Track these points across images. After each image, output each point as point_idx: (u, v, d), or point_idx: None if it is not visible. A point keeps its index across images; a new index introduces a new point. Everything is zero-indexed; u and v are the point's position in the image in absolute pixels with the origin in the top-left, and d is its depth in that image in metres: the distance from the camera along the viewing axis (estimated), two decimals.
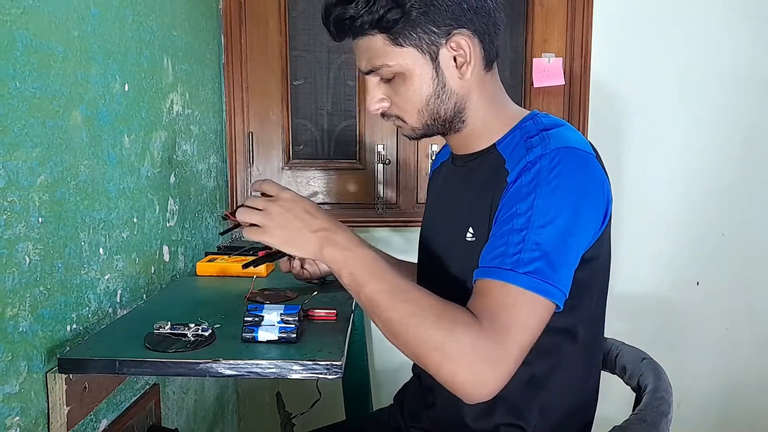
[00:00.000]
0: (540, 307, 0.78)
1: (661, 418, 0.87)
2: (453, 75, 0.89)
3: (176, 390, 1.42)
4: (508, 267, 0.78)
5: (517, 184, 0.83)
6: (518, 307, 0.77)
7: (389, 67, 0.88)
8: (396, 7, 0.84)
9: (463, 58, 0.88)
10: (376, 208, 1.91)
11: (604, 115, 1.88)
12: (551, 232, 0.79)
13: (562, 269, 0.79)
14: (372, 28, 0.86)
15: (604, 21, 1.84)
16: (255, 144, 1.90)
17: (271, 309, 0.90)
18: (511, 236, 0.80)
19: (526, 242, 0.79)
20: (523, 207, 0.81)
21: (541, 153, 0.83)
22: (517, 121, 0.93)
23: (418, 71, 0.88)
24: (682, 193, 1.94)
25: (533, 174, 0.82)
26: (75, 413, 0.88)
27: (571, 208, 0.81)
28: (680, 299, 1.98)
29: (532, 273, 0.77)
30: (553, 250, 0.79)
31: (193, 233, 1.50)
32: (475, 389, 0.76)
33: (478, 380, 0.75)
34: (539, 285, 0.77)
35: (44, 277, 0.86)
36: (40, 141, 0.85)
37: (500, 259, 0.80)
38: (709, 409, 2.03)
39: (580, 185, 0.82)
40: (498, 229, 0.83)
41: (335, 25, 0.89)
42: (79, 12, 0.95)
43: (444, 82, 0.89)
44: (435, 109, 0.91)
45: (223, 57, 1.82)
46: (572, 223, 0.81)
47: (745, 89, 1.89)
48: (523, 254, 0.78)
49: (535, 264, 0.78)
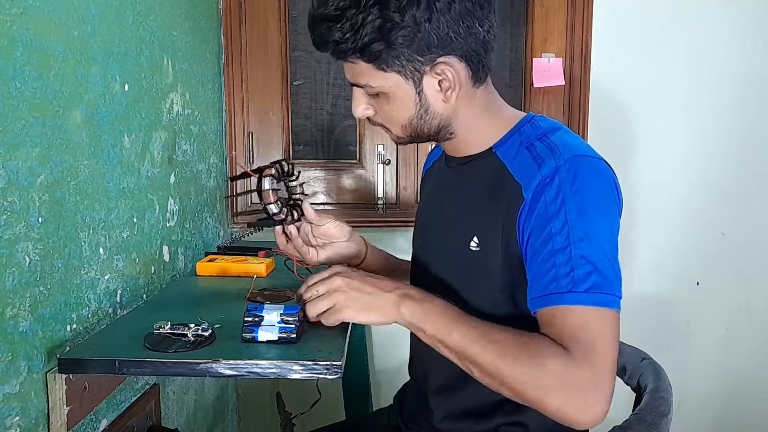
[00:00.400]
0: (610, 318, 0.78)
1: (661, 418, 0.87)
2: (437, 99, 0.88)
3: (176, 390, 1.42)
4: (567, 289, 0.78)
5: (542, 202, 0.82)
6: (593, 325, 0.76)
7: (372, 87, 0.88)
8: (380, 39, 0.81)
9: (448, 83, 0.86)
10: (376, 208, 1.91)
11: (603, 115, 1.88)
12: (593, 242, 0.79)
13: (612, 276, 0.79)
14: (354, 55, 0.84)
15: (604, 21, 1.84)
16: (255, 144, 1.90)
17: (271, 309, 0.90)
18: (556, 257, 0.79)
19: (573, 259, 0.78)
20: (557, 225, 0.80)
21: (555, 165, 0.82)
22: (513, 125, 0.92)
23: (400, 94, 0.87)
24: (682, 193, 1.94)
25: (556, 189, 0.81)
26: (75, 413, 0.88)
27: (601, 215, 0.81)
28: (680, 299, 1.98)
29: (592, 289, 0.77)
30: (600, 260, 0.78)
31: (193, 233, 1.50)
32: (584, 416, 0.75)
33: (583, 407, 0.74)
34: (601, 298, 0.77)
35: (44, 277, 0.86)
36: (40, 141, 0.85)
37: (555, 283, 0.79)
38: (709, 409, 2.03)
39: (602, 191, 0.83)
40: (538, 255, 0.81)
41: (318, 41, 0.87)
42: (79, 12, 0.95)
43: (427, 106, 0.88)
44: (418, 126, 0.90)
45: (223, 57, 1.82)
46: (607, 228, 0.81)
47: (745, 89, 1.89)
48: (575, 272, 0.78)
49: (590, 279, 0.77)
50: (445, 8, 0.81)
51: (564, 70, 1.85)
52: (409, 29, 0.81)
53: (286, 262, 1.33)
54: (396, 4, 0.79)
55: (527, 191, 0.84)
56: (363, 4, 0.80)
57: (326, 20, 0.83)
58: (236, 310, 1.01)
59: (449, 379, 0.95)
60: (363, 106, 0.92)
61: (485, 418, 0.93)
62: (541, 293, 0.80)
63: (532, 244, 0.82)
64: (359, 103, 0.92)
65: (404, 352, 1.11)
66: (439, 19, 0.81)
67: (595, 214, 0.81)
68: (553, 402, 0.75)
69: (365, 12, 0.80)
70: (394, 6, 0.79)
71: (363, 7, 0.80)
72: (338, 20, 0.81)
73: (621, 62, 1.87)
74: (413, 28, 0.80)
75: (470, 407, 0.94)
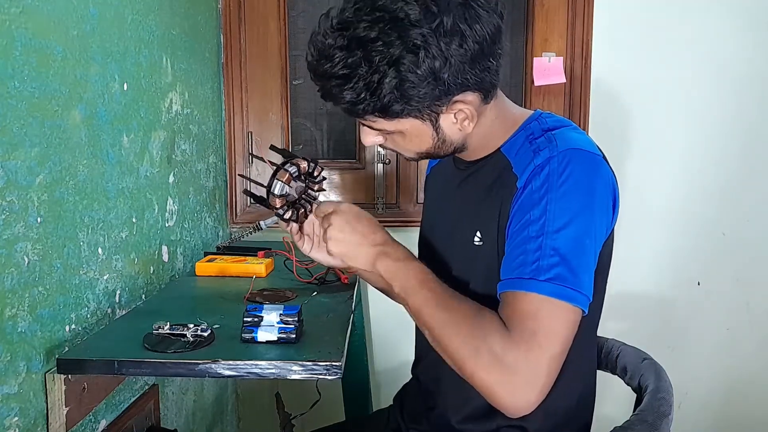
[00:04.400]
0: (565, 313, 0.78)
1: (661, 418, 0.87)
2: (453, 129, 0.87)
3: (175, 390, 1.41)
4: (529, 276, 0.78)
5: (528, 189, 0.82)
6: (543, 314, 0.77)
7: (387, 131, 0.87)
8: (400, 99, 0.78)
9: (464, 115, 0.85)
10: (376, 208, 1.91)
11: (604, 114, 1.87)
12: (567, 236, 0.79)
13: (582, 273, 0.79)
14: (371, 114, 0.82)
15: (604, 20, 1.84)
16: (254, 144, 1.89)
17: (271, 309, 0.90)
18: (528, 244, 0.80)
19: (543, 248, 0.78)
20: (536, 213, 0.80)
21: (549, 156, 0.82)
22: (521, 123, 0.92)
23: (416, 133, 0.86)
24: (682, 193, 1.93)
25: (543, 178, 0.81)
26: (74, 414, 0.88)
27: (584, 211, 0.80)
28: (681, 299, 1.98)
29: (553, 279, 0.77)
30: (571, 255, 0.78)
31: (192, 233, 1.50)
32: (512, 399, 0.76)
33: (511, 389, 0.76)
34: (561, 291, 0.77)
35: (43, 277, 0.86)
36: (39, 141, 0.85)
37: (520, 269, 0.79)
38: (709, 410, 2.02)
39: (590, 187, 0.82)
40: (513, 239, 0.82)
41: (325, 96, 0.83)
42: (78, 11, 0.95)
43: (443, 138, 0.87)
44: (434, 153, 0.91)
45: (223, 56, 1.82)
46: (587, 226, 0.80)
47: (746, 89, 1.89)
48: (541, 261, 0.78)
49: (554, 270, 0.77)
50: (459, 53, 0.77)
51: (564, 69, 1.85)
52: (427, 83, 0.78)
53: (285, 262, 1.33)
54: (410, 59, 0.76)
55: (521, 181, 0.84)
56: (376, 63, 0.76)
57: (334, 78, 0.79)
58: (235, 310, 1.01)
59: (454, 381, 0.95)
60: (372, 138, 0.90)
61: (486, 419, 0.92)
62: (506, 276, 0.82)
63: (511, 227, 0.84)
64: (369, 135, 0.90)
65: (404, 353, 1.11)
66: (455, 65, 0.78)
67: (579, 209, 0.80)
68: (483, 378, 0.77)
69: (380, 73, 0.76)
70: (408, 62, 0.76)
71: (376, 67, 0.76)
72: (349, 80, 0.77)
73: (621, 61, 1.87)
74: (431, 82, 0.78)
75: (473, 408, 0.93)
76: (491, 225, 0.88)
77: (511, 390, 0.76)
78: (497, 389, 0.76)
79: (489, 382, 0.77)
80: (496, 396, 0.77)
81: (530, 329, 0.76)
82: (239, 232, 1.65)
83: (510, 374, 0.75)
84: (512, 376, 0.75)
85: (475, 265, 0.91)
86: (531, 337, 0.76)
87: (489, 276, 0.89)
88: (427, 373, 1.04)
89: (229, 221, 1.87)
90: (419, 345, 1.08)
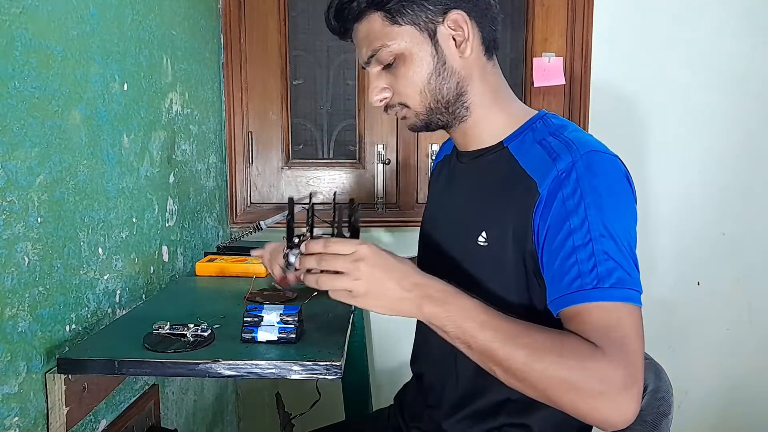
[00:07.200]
0: (636, 313, 0.77)
1: (661, 418, 0.87)
2: (453, 53, 0.90)
3: (175, 390, 1.42)
4: (592, 286, 0.76)
5: (559, 198, 0.81)
6: (622, 322, 0.75)
7: (388, 47, 0.89)
8: None
9: (461, 37, 0.89)
10: (376, 208, 1.91)
11: (604, 114, 1.88)
12: (613, 239, 0.78)
13: (634, 271, 0.79)
14: (369, 8, 0.89)
15: (604, 21, 1.84)
16: (254, 144, 1.89)
17: (271, 309, 0.90)
18: (578, 254, 0.78)
19: (596, 254, 0.77)
20: (576, 221, 0.79)
21: (572, 160, 0.82)
22: (525, 120, 0.93)
23: (417, 49, 0.89)
24: (682, 193, 1.94)
25: (573, 184, 0.80)
26: (74, 414, 0.88)
27: (620, 211, 0.81)
28: (681, 299, 1.98)
29: (616, 284, 0.76)
30: (621, 256, 0.78)
31: (192, 233, 1.50)
32: (617, 416, 0.73)
33: (620, 407, 0.72)
34: (627, 294, 0.76)
35: (43, 277, 0.86)
36: (39, 141, 0.85)
37: (579, 281, 0.77)
38: (709, 410, 2.03)
39: (618, 187, 0.82)
40: (557, 252, 0.80)
41: (336, 15, 0.91)
42: (78, 11, 0.95)
43: (444, 59, 0.89)
44: (437, 88, 0.90)
45: (223, 56, 1.82)
46: (625, 225, 0.81)
47: (746, 89, 1.89)
48: (599, 267, 0.77)
49: (615, 274, 0.76)
50: None
51: (564, 69, 1.85)
52: None
53: None
54: None
55: (542, 187, 0.83)
56: None
57: None
58: (235, 310, 1.01)
59: (455, 377, 0.95)
60: (381, 86, 0.93)
61: (489, 417, 0.92)
62: (565, 291, 0.78)
63: (549, 240, 0.81)
64: (377, 83, 0.93)
65: (404, 353, 1.11)
66: None
67: (614, 209, 0.80)
68: (587, 404, 0.72)
69: None
70: None
71: None
72: None
73: (621, 62, 1.87)
74: None
75: (475, 407, 0.93)
76: (502, 228, 0.87)
77: (620, 406, 0.72)
78: (603, 411, 0.72)
79: (595, 406, 0.72)
80: (602, 418, 0.73)
81: (617, 340, 0.74)
82: (239, 232, 1.65)
83: (616, 392, 0.72)
84: (619, 394, 0.72)
85: (477, 266, 0.90)
86: (621, 347, 0.73)
87: (491, 278, 0.89)
88: (426, 370, 1.04)
89: (229, 221, 1.87)
90: (417, 340, 1.07)
